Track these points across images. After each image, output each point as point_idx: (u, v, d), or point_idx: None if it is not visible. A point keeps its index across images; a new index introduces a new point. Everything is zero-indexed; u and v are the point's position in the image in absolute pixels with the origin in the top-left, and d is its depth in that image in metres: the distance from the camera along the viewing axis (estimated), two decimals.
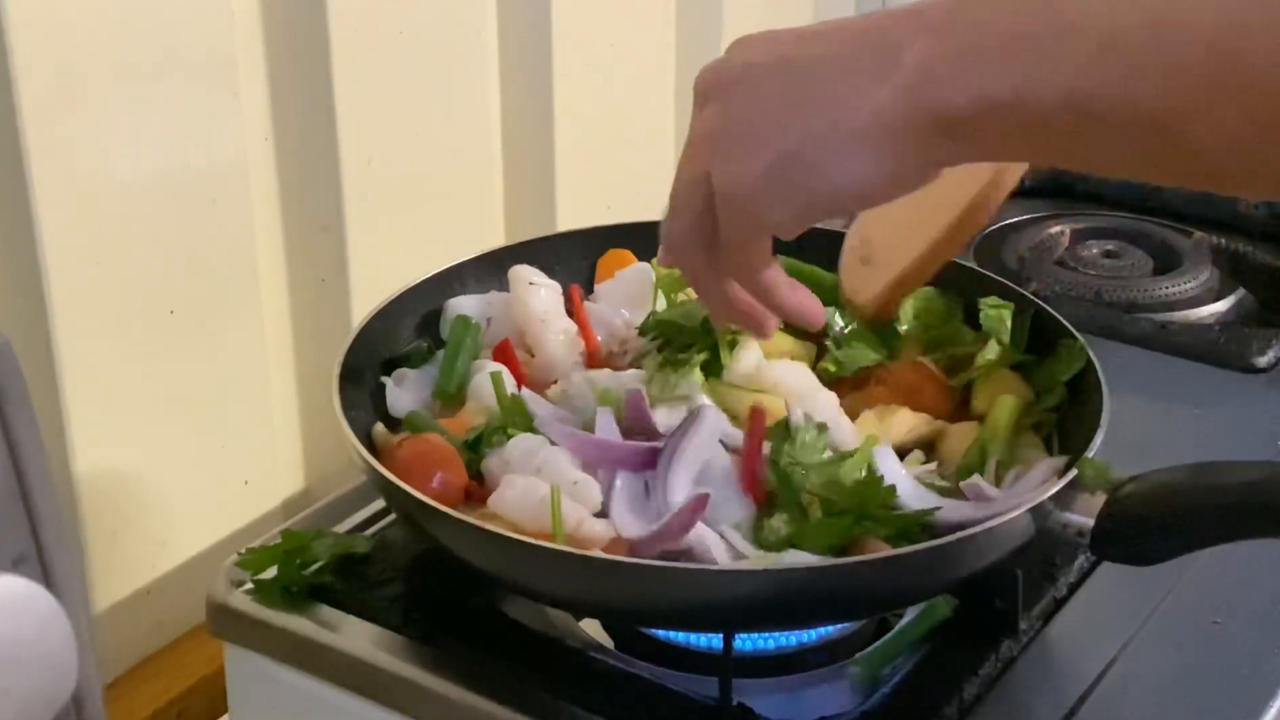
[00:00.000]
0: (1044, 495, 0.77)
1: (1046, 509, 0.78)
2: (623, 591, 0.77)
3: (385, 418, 0.92)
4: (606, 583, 0.76)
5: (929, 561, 0.76)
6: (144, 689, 0.99)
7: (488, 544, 0.77)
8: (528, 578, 0.79)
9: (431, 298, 0.98)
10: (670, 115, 1.36)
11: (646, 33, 1.31)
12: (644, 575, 0.75)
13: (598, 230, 1.04)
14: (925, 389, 0.91)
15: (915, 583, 0.79)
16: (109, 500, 0.96)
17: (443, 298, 0.98)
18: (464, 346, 0.93)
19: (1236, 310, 1.24)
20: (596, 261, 1.03)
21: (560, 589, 0.79)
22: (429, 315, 0.98)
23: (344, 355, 0.90)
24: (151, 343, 0.97)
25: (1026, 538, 0.79)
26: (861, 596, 0.78)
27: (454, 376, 0.92)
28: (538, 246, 1.03)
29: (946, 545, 0.75)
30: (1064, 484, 0.78)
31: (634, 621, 0.86)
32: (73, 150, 0.89)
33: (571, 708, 0.81)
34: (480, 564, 0.80)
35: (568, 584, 0.78)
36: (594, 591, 0.78)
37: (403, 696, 0.84)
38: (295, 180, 1.05)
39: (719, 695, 0.80)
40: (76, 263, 0.90)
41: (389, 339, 0.96)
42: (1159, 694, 0.83)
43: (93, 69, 0.89)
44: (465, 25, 1.15)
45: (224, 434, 1.03)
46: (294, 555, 0.89)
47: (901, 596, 0.82)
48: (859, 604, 0.80)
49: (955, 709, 0.81)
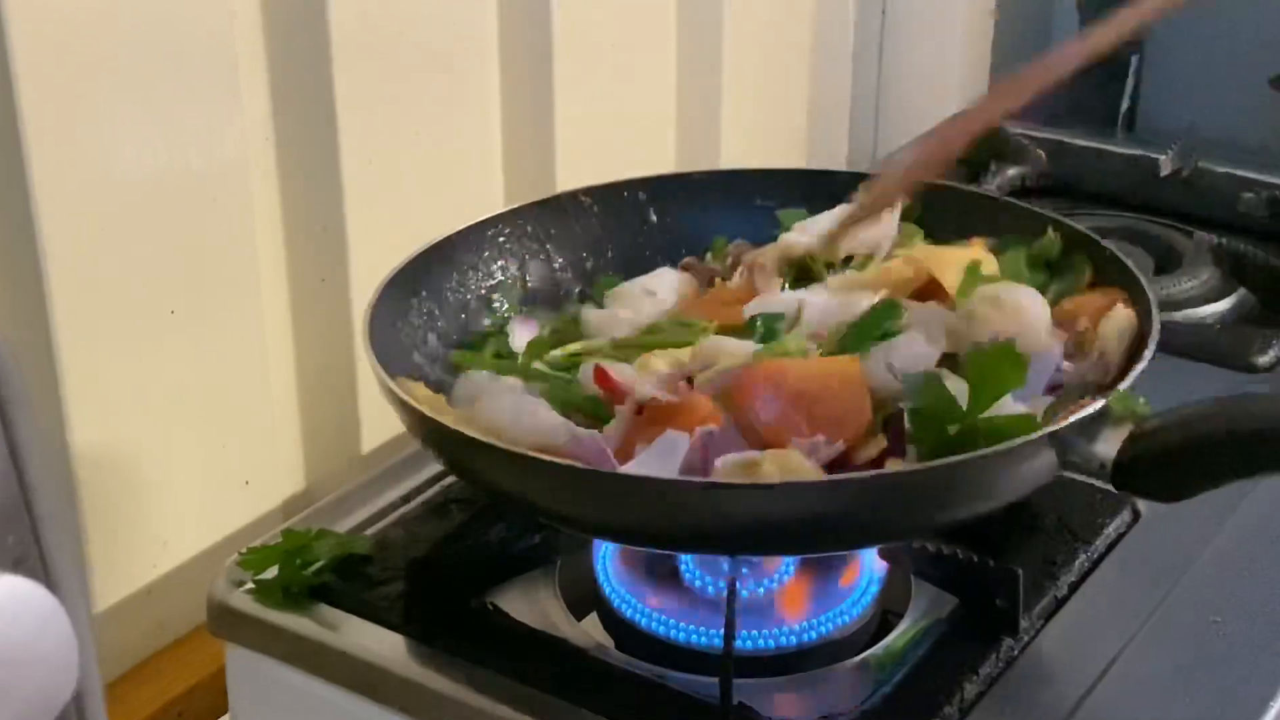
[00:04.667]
0: (1069, 420, 0.75)
1: (1069, 438, 0.76)
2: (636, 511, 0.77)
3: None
4: (614, 500, 0.76)
5: (944, 480, 0.75)
6: (144, 689, 0.99)
7: (507, 463, 0.77)
8: (548, 499, 0.80)
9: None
10: (671, 115, 1.36)
11: (647, 33, 1.31)
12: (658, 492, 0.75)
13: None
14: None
15: (936, 507, 0.77)
16: (109, 500, 0.96)
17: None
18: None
19: (1237, 310, 1.24)
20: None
21: (566, 505, 0.79)
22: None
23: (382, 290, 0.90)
24: (151, 342, 0.97)
25: (1052, 467, 0.77)
26: (867, 520, 0.77)
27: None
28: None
29: (964, 463, 0.74)
30: (1091, 412, 0.76)
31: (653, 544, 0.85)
32: (73, 150, 0.89)
33: (571, 708, 0.81)
34: (503, 485, 0.80)
35: (574, 501, 0.78)
36: (599, 509, 0.78)
37: (403, 696, 0.84)
38: (295, 180, 1.05)
39: (719, 695, 0.80)
40: (76, 263, 0.90)
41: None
42: (1159, 694, 0.83)
43: (93, 69, 0.89)
44: (465, 25, 1.15)
45: (224, 434, 1.03)
46: (294, 555, 0.89)
47: (908, 524, 0.80)
48: (864, 529, 0.79)
49: (955, 709, 0.81)
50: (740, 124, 1.40)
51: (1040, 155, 1.45)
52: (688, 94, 1.36)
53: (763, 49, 1.42)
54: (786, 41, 1.47)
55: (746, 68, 1.39)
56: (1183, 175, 1.39)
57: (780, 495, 0.74)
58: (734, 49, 1.36)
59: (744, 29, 1.37)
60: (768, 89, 1.45)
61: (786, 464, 0.76)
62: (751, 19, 1.38)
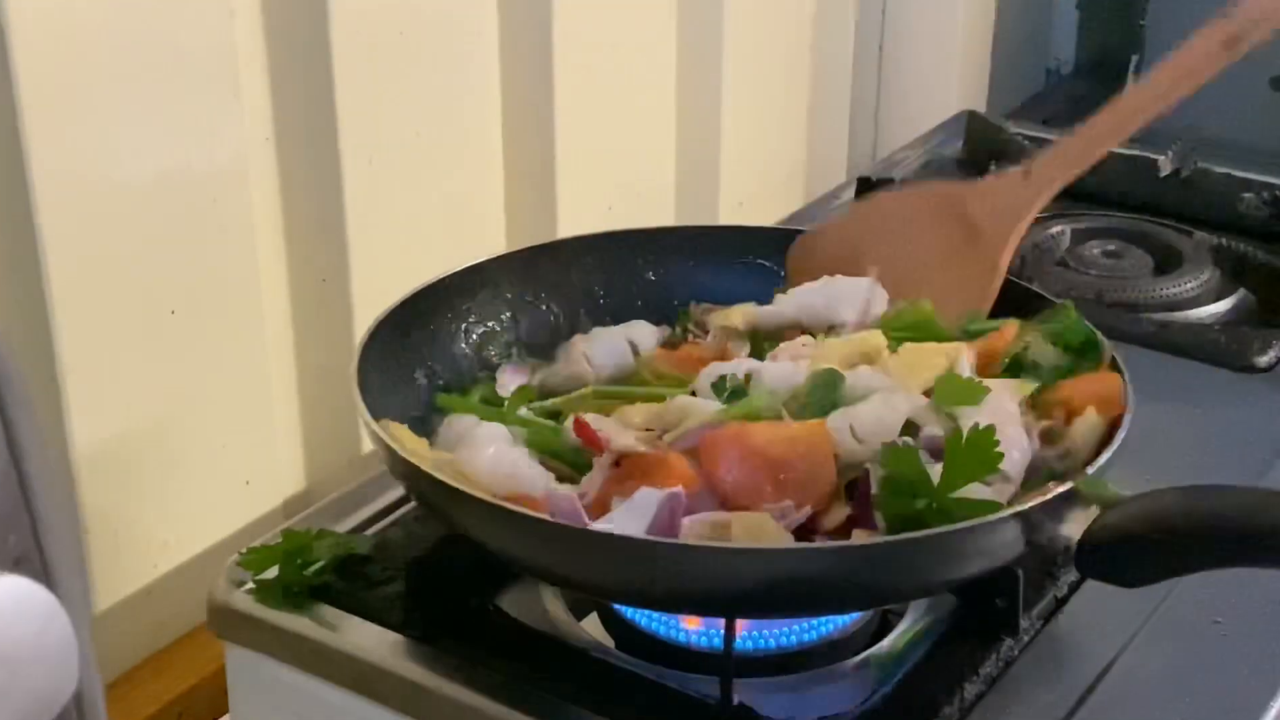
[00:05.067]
0: (1034, 502, 0.76)
1: (1037, 519, 0.77)
2: (622, 571, 0.77)
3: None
4: (604, 560, 0.77)
5: (913, 554, 0.75)
6: (145, 689, 0.99)
7: (499, 521, 0.77)
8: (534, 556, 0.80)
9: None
10: (671, 115, 1.36)
11: (647, 33, 1.31)
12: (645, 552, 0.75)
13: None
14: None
15: (900, 578, 0.78)
16: (109, 500, 0.96)
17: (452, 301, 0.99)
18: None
19: (1237, 310, 1.24)
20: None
21: (552, 563, 0.80)
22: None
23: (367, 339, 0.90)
24: (151, 343, 0.97)
25: (1017, 547, 0.78)
26: (837, 588, 0.77)
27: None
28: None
29: (933, 537, 0.74)
30: (1057, 495, 0.77)
31: (636, 604, 0.86)
32: (73, 150, 0.89)
33: (571, 708, 0.81)
34: (484, 540, 0.80)
35: (563, 559, 0.78)
36: (591, 569, 0.78)
37: (403, 696, 0.84)
38: (296, 180, 1.05)
39: (719, 695, 0.80)
40: (77, 263, 0.90)
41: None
42: (1159, 694, 0.83)
43: (93, 69, 0.89)
44: (466, 25, 1.15)
45: (224, 434, 1.03)
46: (295, 555, 0.89)
47: (883, 592, 0.81)
48: (831, 596, 0.79)
49: (955, 709, 0.81)
50: (740, 124, 1.40)
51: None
52: (688, 93, 1.36)
53: (763, 50, 1.42)
54: (786, 42, 1.47)
55: (747, 68, 1.39)
56: (1183, 175, 1.39)
57: (745, 560, 0.75)
58: (734, 50, 1.36)
59: (744, 30, 1.37)
60: (768, 90, 1.45)
61: (755, 528, 0.77)
62: (751, 20, 1.38)
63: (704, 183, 1.39)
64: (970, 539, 0.75)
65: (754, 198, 1.45)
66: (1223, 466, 1.02)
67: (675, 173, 1.37)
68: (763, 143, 1.47)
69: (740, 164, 1.41)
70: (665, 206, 1.38)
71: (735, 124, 1.39)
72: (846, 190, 1.42)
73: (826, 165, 1.57)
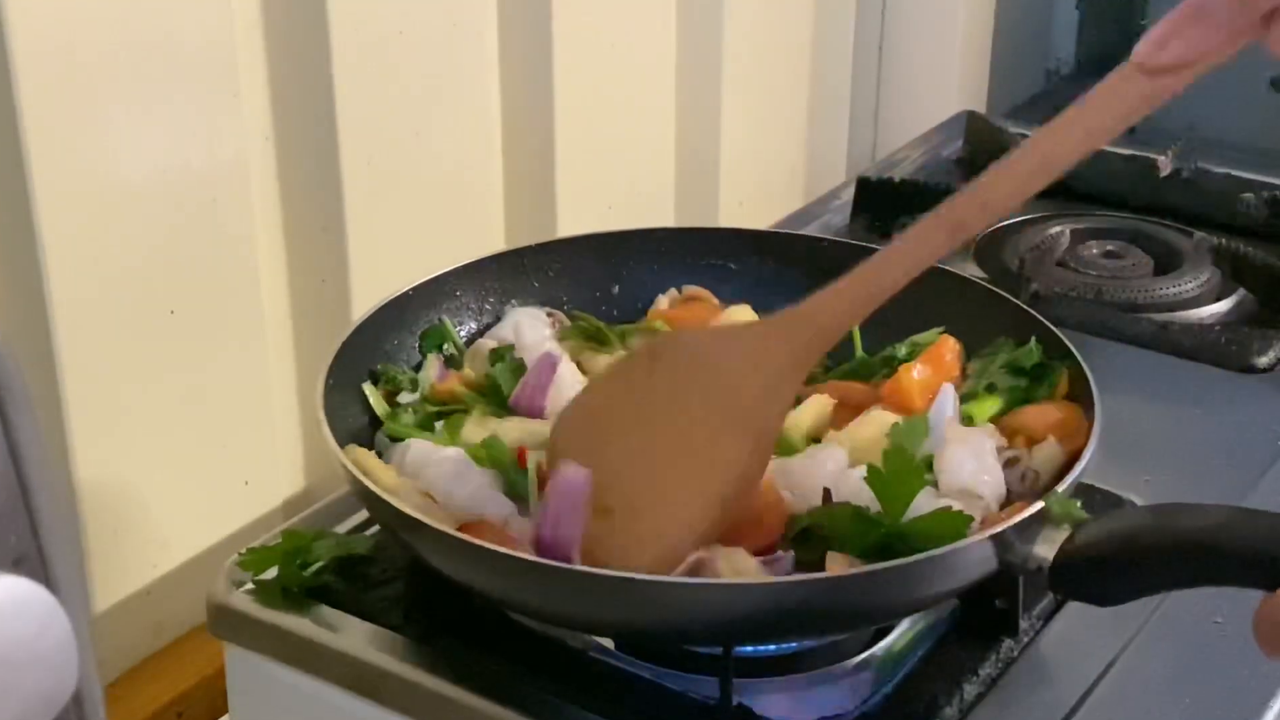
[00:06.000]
0: (1006, 525, 0.76)
1: (1009, 539, 0.77)
2: (617, 608, 0.78)
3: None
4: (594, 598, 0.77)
5: (883, 582, 0.76)
6: (144, 689, 0.99)
7: (470, 557, 0.77)
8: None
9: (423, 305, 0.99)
10: (671, 115, 1.36)
11: (647, 32, 1.31)
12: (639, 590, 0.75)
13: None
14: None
15: (873, 602, 0.79)
16: (109, 500, 0.96)
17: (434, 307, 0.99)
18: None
19: (1237, 310, 1.24)
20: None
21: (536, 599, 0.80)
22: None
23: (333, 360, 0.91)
24: (151, 343, 0.97)
25: (989, 567, 0.78)
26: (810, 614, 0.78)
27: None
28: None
29: (902, 567, 0.75)
30: (1028, 515, 0.77)
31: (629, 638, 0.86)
32: (73, 150, 0.89)
33: (571, 708, 0.81)
34: (457, 577, 0.80)
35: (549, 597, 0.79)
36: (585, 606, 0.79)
37: (403, 696, 0.84)
38: (295, 180, 1.05)
39: (719, 695, 0.80)
40: (77, 263, 0.90)
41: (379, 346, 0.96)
42: (1159, 694, 0.83)
43: (93, 69, 0.89)
44: (465, 25, 1.15)
45: (224, 434, 1.03)
46: (294, 555, 0.89)
47: (858, 616, 0.82)
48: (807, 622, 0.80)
49: (955, 709, 0.81)
50: (740, 124, 1.40)
51: None
52: (687, 93, 1.36)
53: (763, 49, 1.42)
54: (786, 41, 1.47)
55: (747, 68, 1.39)
56: (1182, 175, 1.39)
57: (708, 593, 0.76)
58: (734, 49, 1.36)
59: (744, 29, 1.37)
60: (768, 89, 1.45)
61: (736, 563, 0.78)
62: (751, 19, 1.38)
63: (704, 183, 1.39)
64: (943, 565, 0.76)
65: (753, 198, 1.45)
66: (1223, 467, 1.02)
67: (675, 172, 1.37)
68: (762, 143, 1.47)
69: (740, 164, 1.41)
70: (665, 206, 1.37)
71: (735, 124, 1.39)
72: (846, 190, 1.42)
73: (826, 165, 1.57)
